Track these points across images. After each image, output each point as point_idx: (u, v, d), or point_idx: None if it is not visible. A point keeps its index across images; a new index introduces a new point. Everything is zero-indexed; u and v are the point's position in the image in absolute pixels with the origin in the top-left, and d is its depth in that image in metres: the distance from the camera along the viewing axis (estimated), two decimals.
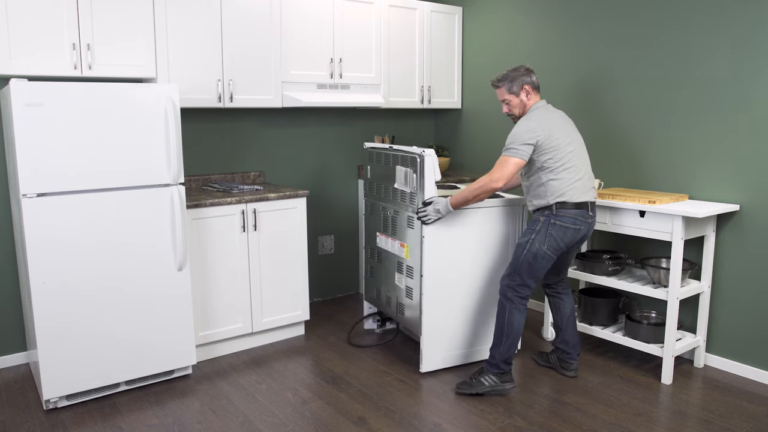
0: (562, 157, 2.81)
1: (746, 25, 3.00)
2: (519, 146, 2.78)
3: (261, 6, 3.59)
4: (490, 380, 2.94)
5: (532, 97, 2.94)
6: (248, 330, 3.49)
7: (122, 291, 2.92)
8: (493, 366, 2.95)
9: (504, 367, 2.94)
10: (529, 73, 2.94)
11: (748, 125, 3.03)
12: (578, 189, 2.84)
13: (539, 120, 2.83)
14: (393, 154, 3.31)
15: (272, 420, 2.74)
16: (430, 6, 4.38)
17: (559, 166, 2.82)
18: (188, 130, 3.78)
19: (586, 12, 3.72)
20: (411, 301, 3.24)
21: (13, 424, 2.71)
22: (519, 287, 2.92)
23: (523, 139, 2.78)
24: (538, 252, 2.86)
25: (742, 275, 3.13)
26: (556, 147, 2.80)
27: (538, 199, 2.90)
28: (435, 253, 3.09)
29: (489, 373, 2.95)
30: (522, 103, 2.95)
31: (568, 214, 2.83)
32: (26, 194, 2.64)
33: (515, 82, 2.93)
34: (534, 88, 2.94)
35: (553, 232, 2.84)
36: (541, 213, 2.90)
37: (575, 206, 2.84)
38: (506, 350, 2.93)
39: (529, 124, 2.81)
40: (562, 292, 3.17)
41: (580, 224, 2.85)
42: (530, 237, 2.89)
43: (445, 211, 2.95)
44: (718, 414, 2.78)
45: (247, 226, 3.39)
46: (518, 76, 2.93)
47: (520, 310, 2.94)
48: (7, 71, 2.86)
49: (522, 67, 2.96)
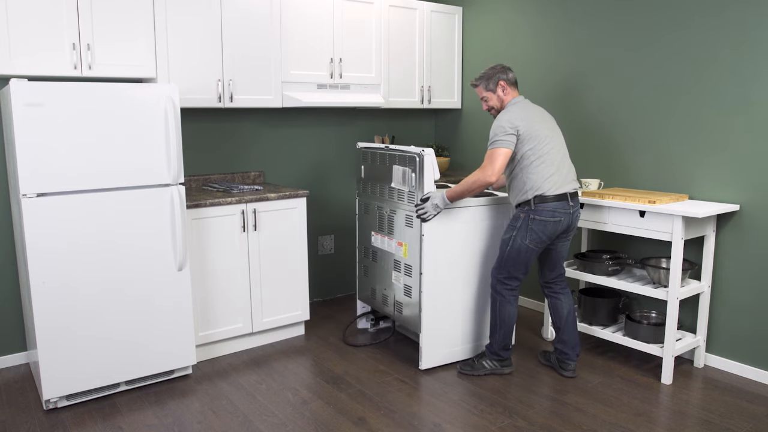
0: (541, 148, 2.90)
1: (746, 26, 3.00)
2: (503, 137, 2.88)
3: (261, 6, 3.59)
4: (491, 364, 3.17)
5: (509, 93, 3.05)
6: (248, 330, 3.49)
7: (122, 291, 2.92)
8: (493, 353, 3.17)
9: (503, 354, 3.16)
10: (505, 70, 3.06)
11: (748, 125, 3.03)
12: (555, 182, 2.91)
13: (517, 112, 2.94)
14: (389, 154, 3.32)
15: (272, 420, 2.74)
16: (430, 6, 4.38)
17: (537, 158, 2.90)
18: (188, 130, 3.78)
19: (585, 12, 3.72)
20: (410, 299, 3.25)
21: (13, 424, 2.71)
22: (507, 280, 3.06)
23: (505, 130, 2.89)
24: (521, 247, 2.97)
25: (742, 275, 3.13)
26: (536, 137, 2.90)
27: (518, 194, 2.98)
28: (434, 250, 3.11)
29: (489, 358, 3.17)
30: (499, 98, 3.06)
31: (547, 207, 2.90)
32: (26, 194, 2.64)
33: (491, 80, 3.05)
34: (510, 84, 3.05)
35: (533, 226, 2.93)
36: (521, 209, 2.98)
37: (555, 198, 2.91)
38: (502, 339, 3.13)
39: (509, 116, 2.92)
40: (560, 291, 3.17)
41: (560, 216, 2.92)
42: (512, 234, 2.99)
43: (443, 204, 3.00)
44: (718, 414, 2.78)
45: (247, 226, 3.39)
46: (494, 73, 3.05)
47: (510, 301, 3.09)
48: (7, 71, 2.86)
49: (498, 65, 3.09)
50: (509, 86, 3.04)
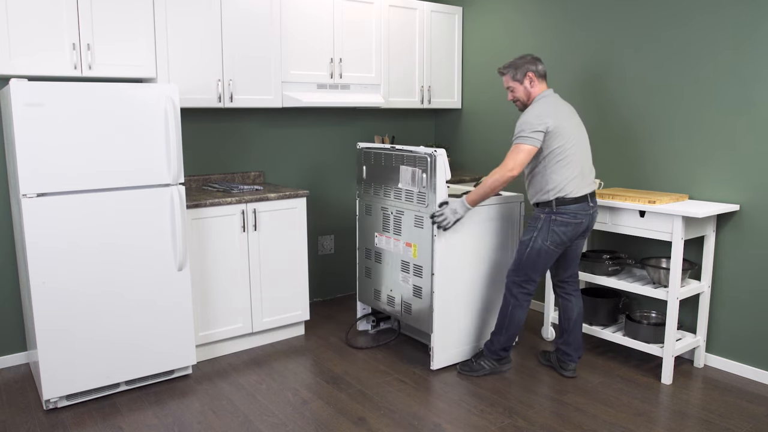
0: (567, 149, 2.83)
1: (747, 26, 3.00)
2: (530, 133, 2.79)
3: (261, 6, 3.59)
4: (489, 364, 3.15)
5: (537, 86, 2.94)
6: (248, 330, 3.49)
7: (122, 291, 2.91)
8: (493, 353, 3.14)
9: (503, 354, 3.15)
10: (534, 61, 2.94)
11: (749, 125, 3.03)
12: (578, 184, 2.87)
13: (547, 107, 2.84)
14: (396, 154, 3.30)
15: (272, 420, 2.74)
16: (430, 6, 4.38)
17: (563, 159, 2.83)
18: (188, 130, 3.78)
19: (585, 12, 3.72)
20: (419, 299, 3.25)
21: (13, 424, 2.71)
22: (524, 283, 3.01)
23: (533, 126, 2.79)
24: (542, 248, 2.91)
25: (742, 275, 3.13)
26: (563, 135, 2.82)
27: (539, 193, 2.92)
28: (446, 251, 3.12)
29: (488, 358, 3.15)
30: (526, 90, 2.95)
31: (569, 209, 2.86)
32: (26, 194, 2.64)
33: (519, 70, 2.94)
34: (539, 76, 2.94)
35: (555, 228, 2.88)
36: (541, 210, 2.92)
37: (576, 200, 2.86)
38: (505, 341, 3.11)
39: (539, 111, 2.82)
40: (572, 293, 3.14)
41: (581, 218, 2.88)
42: (532, 235, 2.93)
43: (463, 210, 2.93)
44: (718, 414, 2.78)
45: (247, 226, 3.39)
46: (523, 63, 2.94)
47: (523, 306, 3.05)
48: (7, 71, 2.86)
49: (529, 55, 2.97)
50: (537, 78, 2.93)
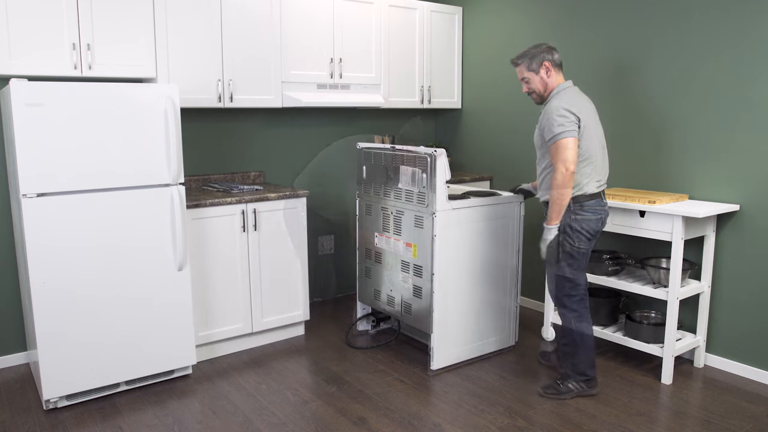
0: (590, 147, 2.75)
1: (746, 25, 3.00)
2: (568, 125, 2.67)
3: (261, 6, 3.59)
4: (577, 386, 2.92)
5: (554, 76, 2.82)
6: (248, 330, 3.49)
7: (122, 291, 2.91)
8: (580, 374, 2.93)
9: (590, 372, 2.92)
10: (550, 50, 2.82)
11: (749, 125, 3.03)
12: (597, 182, 2.81)
13: (571, 99, 2.74)
14: (395, 154, 3.31)
15: (272, 420, 2.74)
16: (430, 6, 4.38)
17: (585, 158, 2.76)
18: (188, 130, 3.78)
19: (585, 12, 3.71)
20: (419, 299, 3.25)
21: (13, 424, 2.71)
22: (572, 289, 2.89)
23: (567, 117, 2.68)
24: (573, 251, 2.83)
25: (742, 275, 3.13)
26: (588, 132, 2.74)
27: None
28: (446, 251, 3.12)
29: (575, 380, 2.93)
30: (542, 81, 2.83)
31: (588, 205, 2.79)
32: (26, 194, 2.64)
33: (535, 59, 2.81)
34: (555, 65, 2.82)
35: (576, 226, 2.80)
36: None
37: (590, 197, 2.80)
38: (586, 356, 2.91)
39: (566, 104, 2.72)
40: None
41: (600, 213, 2.82)
42: (559, 240, 2.82)
43: (549, 235, 2.79)
44: (718, 414, 2.77)
45: (247, 226, 3.39)
46: (539, 52, 2.82)
47: (583, 315, 2.89)
48: (7, 71, 2.86)
49: (544, 44, 2.86)
50: (554, 68, 2.80)
